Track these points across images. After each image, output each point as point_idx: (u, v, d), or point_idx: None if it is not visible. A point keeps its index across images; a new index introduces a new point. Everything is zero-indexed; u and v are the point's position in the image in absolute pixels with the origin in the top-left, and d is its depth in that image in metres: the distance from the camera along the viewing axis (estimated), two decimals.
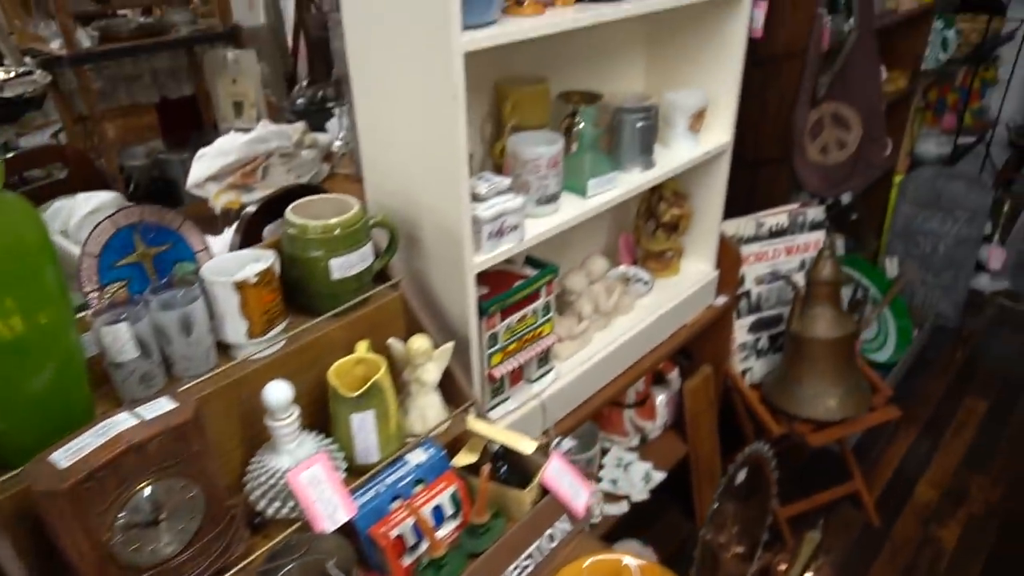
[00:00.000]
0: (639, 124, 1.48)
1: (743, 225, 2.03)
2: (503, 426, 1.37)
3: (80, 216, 1.67)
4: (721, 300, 1.94)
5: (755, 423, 2.08)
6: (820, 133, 2.10)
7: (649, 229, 1.82)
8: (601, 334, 1.64)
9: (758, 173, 2.26)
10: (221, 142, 1.99)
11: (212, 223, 1.78)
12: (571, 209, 1.37)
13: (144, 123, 4.56)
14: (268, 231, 1.58)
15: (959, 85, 3.17)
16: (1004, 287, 3.28)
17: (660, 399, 2.07)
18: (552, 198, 1.31)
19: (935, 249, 3.04)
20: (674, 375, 2.07)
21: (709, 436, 2.10)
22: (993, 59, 3.35)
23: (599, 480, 1.93)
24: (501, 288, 1.33)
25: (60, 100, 3.60)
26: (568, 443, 1.48)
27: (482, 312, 1.25)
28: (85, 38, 3.28)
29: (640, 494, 1.90)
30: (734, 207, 2.31)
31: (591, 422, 1.95)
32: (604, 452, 2.02)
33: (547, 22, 1.15)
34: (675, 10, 1.53)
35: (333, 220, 1.07)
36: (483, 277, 1.34)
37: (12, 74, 3.31)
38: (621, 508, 1.89)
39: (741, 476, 1.83)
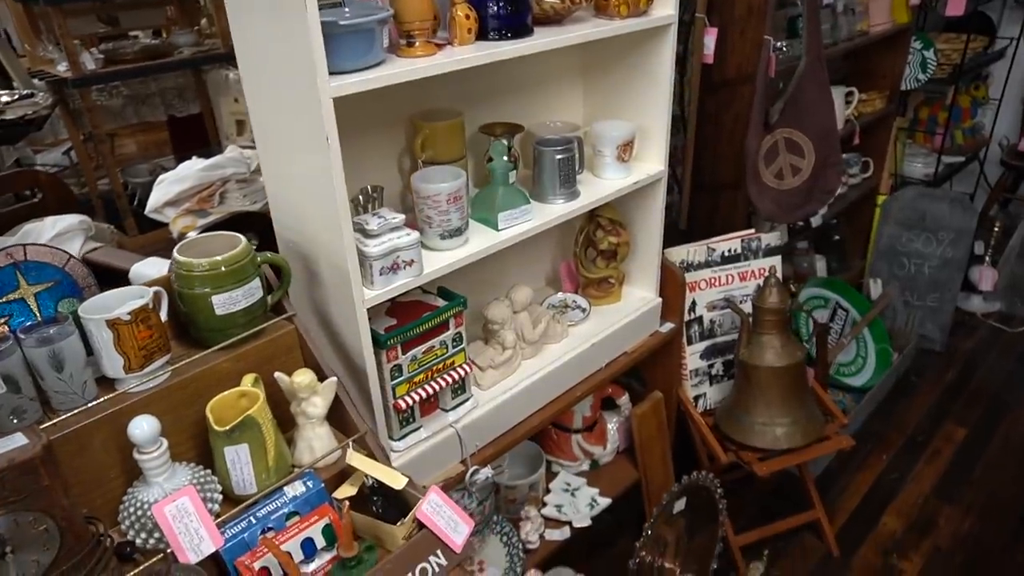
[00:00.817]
0: (558, 156, 1.50)
1: (694, 251, 2.02)
2: (414, 455, 1.40)
3: (47, 238, 1.74)
4: (667, 327, 1.94)
5: (708, 450, 2.07)
6: (775, 159, 2.08)
7: (589, 257, 1.83)
8: (531, 362, 1.65)
9: (718, 197, 2.26)
10: (180, 168, 2.06)
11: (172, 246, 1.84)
12: (481, 242, 1.39)
13: (159, 139, 4.72)
14: None
15: (948, 104, 3.11)
16: (996, 309, 3.20)
17: (611, 424, 2.06)
18: (455, 232, 1.33)
19: (920, 270, 2.98)
20: (624, 400, 2.07)
21: (661, 462, 2.10)
22: (984, 77, 3.28)
23: (544, 505, 1.94)
24: (410, 318, 1.36)
25: (69, 119, 3.76)
26: (486, 472, 1.49)
27: (381, 344, 1.28)
28: (90, 60, 3.40)
29: (582, 520, 1.90)
30: (696, 231, 2.32)
31: (537, 447, 1.96)
32: (553, 476, 2.03)
33: (438, 63, 1.18)
34: (602, 42, 1.54)
35: (218, 257, 1.11)
36: (394, 308, 1.37)
37: (15, 96, 3.46)
38: (563, 534, 1.89)
39: (680, 505, 1.82)
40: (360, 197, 1.36)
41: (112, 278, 1.32)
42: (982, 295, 3.22)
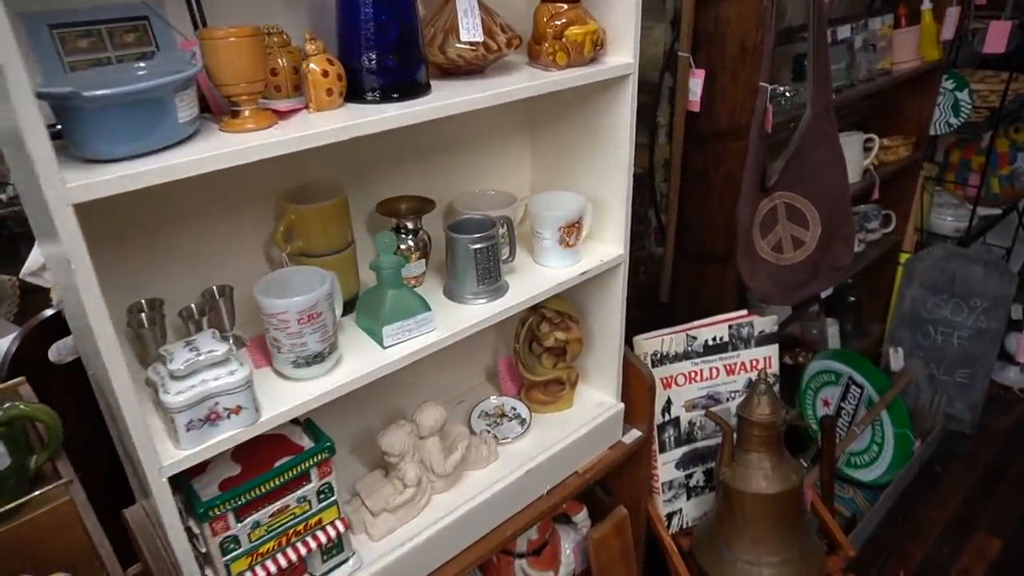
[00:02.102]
0: (473, 247, 1.15)
1: (670, 340, 1.66)
2: None
3: None
4: (632, 435, 1.58)
5: None
6: (772, 228, 1.72)
7: (533, 354, 1.48)
8: (444, 497, 1.30)
9: (705, 270, 1.90)
10: None
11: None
12: (359, 364, 1.05)
13: None
14: (53, 350, 1.31)
15: (985, 147, 2.72)
16: None
17: (566, 543, 1.70)
18: (314, 359, 0.99)
19: (948, 341, 2.58)
20: (582, 516, 1.70)
21: None
22: None
23: None
24: (261, 464, 1.02)
25: None
26: None
27: (200, 516, 0.94)
28: None
29: None
30: (679, 305, 1.96)
31: (476, 572, 1.61)
32: None
33: (271, 141, 0.84)
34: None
35: None
36: (243, 448, 1.03)
37: None
38: None
39: None
40: (193, 308, 1.02)
41: None
42: (1020, 366, 2.82)
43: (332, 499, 1.08)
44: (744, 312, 1.75)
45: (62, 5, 0.85)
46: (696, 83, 1.69)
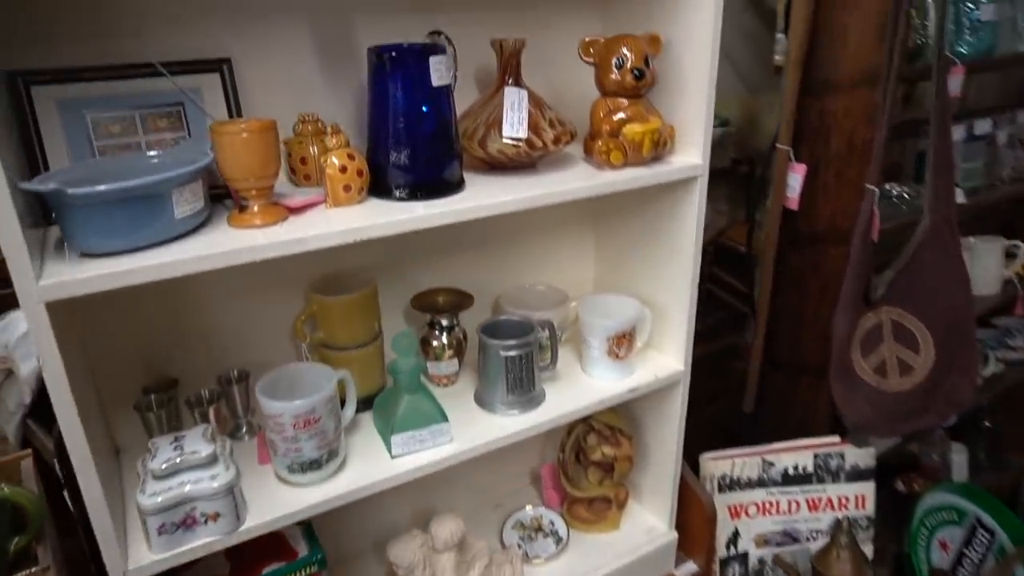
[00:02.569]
0: (505, 354, 1.06)
1: (742, 464, 1.47)
2: None
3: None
4: (688, 569, 1.40)
5: None
6: (876, 347, 1.50)
7: (579, 467, 1.35)
8: None
9: (796, 383, 1.69)
10: None
11: None
12: (364, 472, 0.97)
13: None
14: None
15: None
16: None
17: None
18: (311, 466, 0.92)
19: None
20: None
21: None
22: None
23: None
24: (258, 564, 0.96)
25: None
26: None
27: None
28: None
29: None
30: (766, 417, 1.76)
31: None
32: None
33: (276, 241, 0.79)
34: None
35: None
36: (238, 548, 0.98)
37: None
38: None
39: None
40: (203, 395, 0.99)
41: None
42: None
43: None
44: (836, 439, 1.54)
45: (102, 91, 0.86)
46: (796, 179, 1.53)
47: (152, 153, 0.84)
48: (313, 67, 1.00)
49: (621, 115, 1.02)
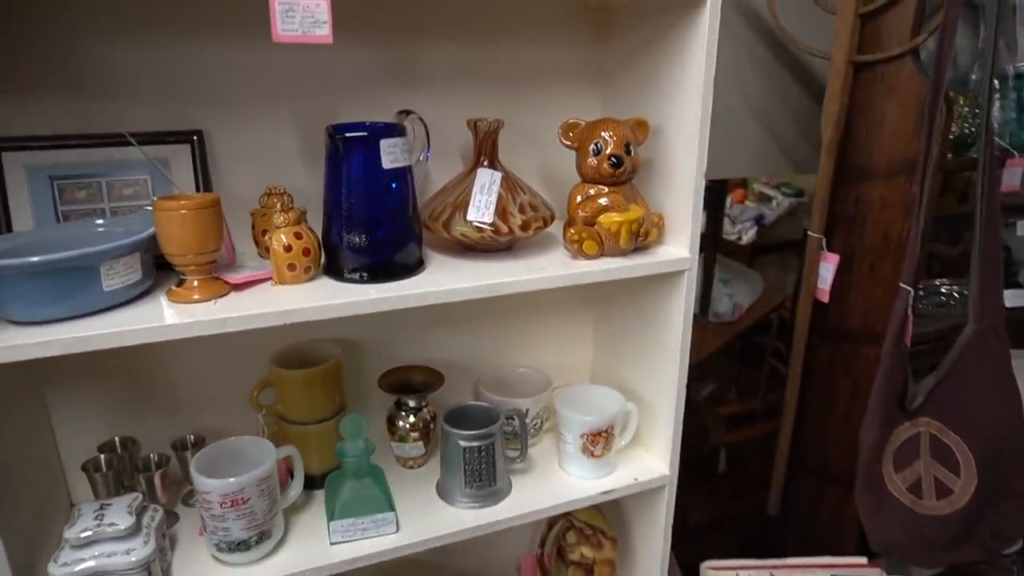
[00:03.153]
0: (465, 444, 1.00)
1: None
2: None
3: None
4: None
5: None
6: (911, 461, 1.34)
7: (562, 563, 1.26)
8: None
9: (822, 492, 1.55)
10: None
11: None
12: (296, 557, 0.93)
13: None
14: None
15: None
16: None
17: None
18: (238, 546, 0.89)
19: None
20: None
21: None
22: None
23: None
24: None
25: None
26: None
27: None
28: None
29: None
30: (790, 522, 1.61)
31: None
32: None
33: (206, 319, 0.78)
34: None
35: None
36: None
37: None
38: None
39: None
40: (151, 458, 0.99)
41: None
42: None
43: None
44: (863, 560, 1.38)
45: (70, 158, 0.89)
46: (827, 269, 1.42)
47: (100, 222, 0.86)
48: (288, 141, 1.00)
49: (599, 203, 0.97)
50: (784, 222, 3.24)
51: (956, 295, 1.49)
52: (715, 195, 2.19)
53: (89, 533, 0.82)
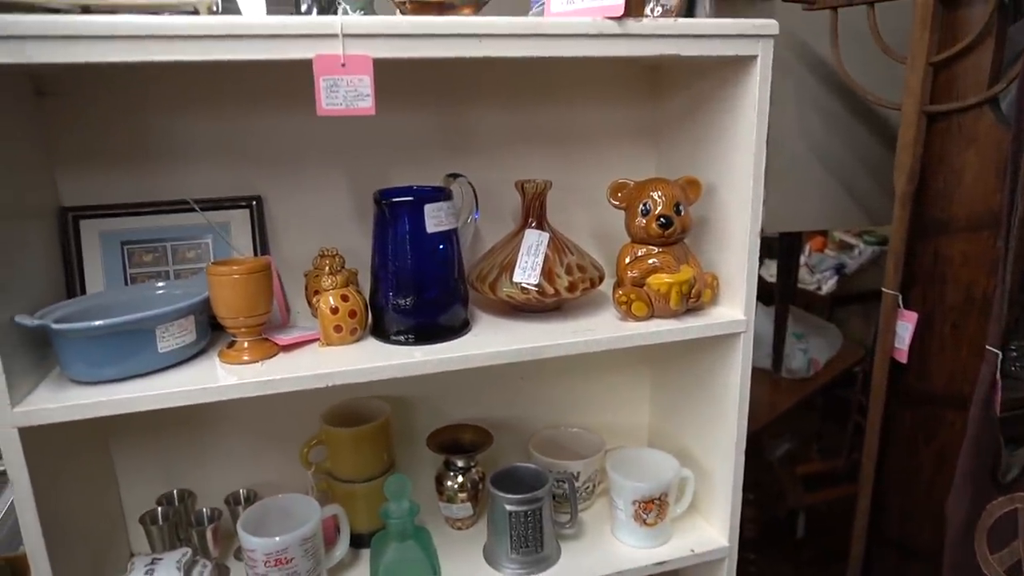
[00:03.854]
0: (511, 508, 0.98)
1: None
2: None
3: None
4: None
5: None
6: (1010, 541, 1.22)
7: None
8: None
9: (905, 569, 1.43)
10: None
11: None
12: None
13: None
14: None
15: None
16: None
17: None
18: None
19: None
20: None
21: None
22: None
23: None
24: None
25: None
26: None
27: None
28: None
29: None
30: None
31: None
32: None
33: (249, 381, 0.80)
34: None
35: None
36: None
37: None
38: None
39: None
40: (203, 514, 1.01)
41: None
42: None
43: None
44: None
45: (139, 224, 0.94)
46: (905, 328, 1.33)
47: (160, 284, 0.90)
48: (342, 204, 1.03)
49: (648, 263, 0.95)
50: (868, 271, 3.10)
51: None
52: (787, 246, 2.12)
53: None
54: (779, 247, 2.10)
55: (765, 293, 2.07)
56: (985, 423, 1.18)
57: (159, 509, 1.00)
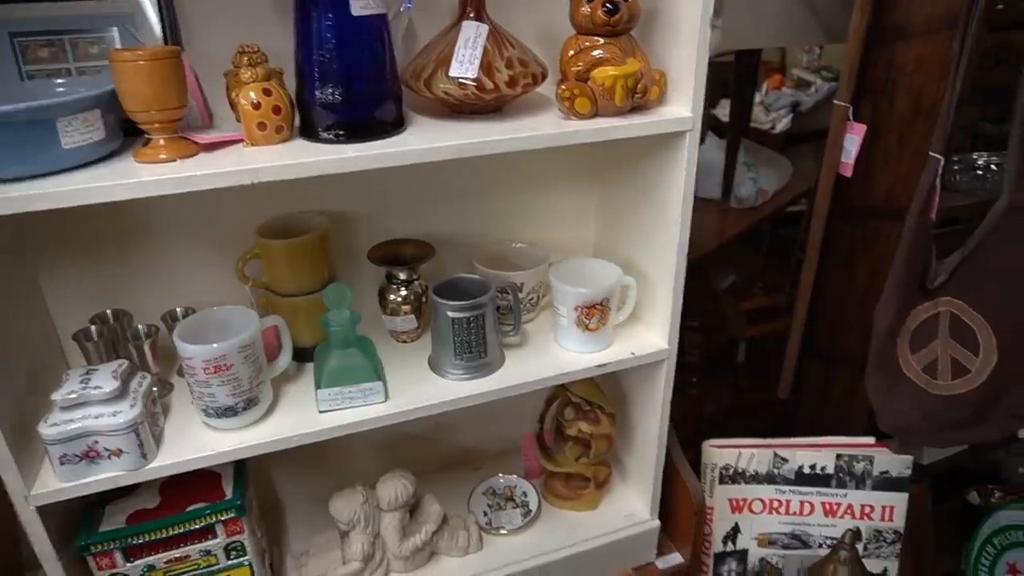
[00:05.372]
0: (454, 315, 0.98)
1: (751, 457, 1.33)
2: None
3: None
4: (671, 560, 1.30)
5: None
6: (928, 342, 1.29)
7: (559, 441, 1.27)
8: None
9: (834, 374, 1.51)
10: None
11: None
12: (284, 424, 0.94)
13: None
14: None
15: None
16: None
17: None
18: (225, 412, 0.90)
19: None
20: None
21: None
22: None
23: None
24: (184, 505, 0.97)
25: None
26: None
27: (82, 549, 0.90)
28: None
29: None
30: (802, 404, 1.59)
31: None
32: None
33: (165, 177, 0.75)
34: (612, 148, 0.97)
35: None
36: (172, 482, 0.99)
37: None
38: None
39: None
40: (139, 330, 0.99)
41: None
42: None
43: (244, 558, 1.00)
44: (870, 440, 1.36)
45: (28, 13, 0.84)
46: (852, 141, 1.32)
47: (61, 81, 0.82)
48: None
49: (593, 56, 0.89)
50: (823, 109, 3.06)
51: (994, 167, 1.39)
52: (743, 71, 2.05)
53: (75, 395, 0.83)
54: (734, 72, 2.04)
55: (718, 130, 2.04)
56: (920, 230, 1.21)
57: (93, 327, 0.98)
